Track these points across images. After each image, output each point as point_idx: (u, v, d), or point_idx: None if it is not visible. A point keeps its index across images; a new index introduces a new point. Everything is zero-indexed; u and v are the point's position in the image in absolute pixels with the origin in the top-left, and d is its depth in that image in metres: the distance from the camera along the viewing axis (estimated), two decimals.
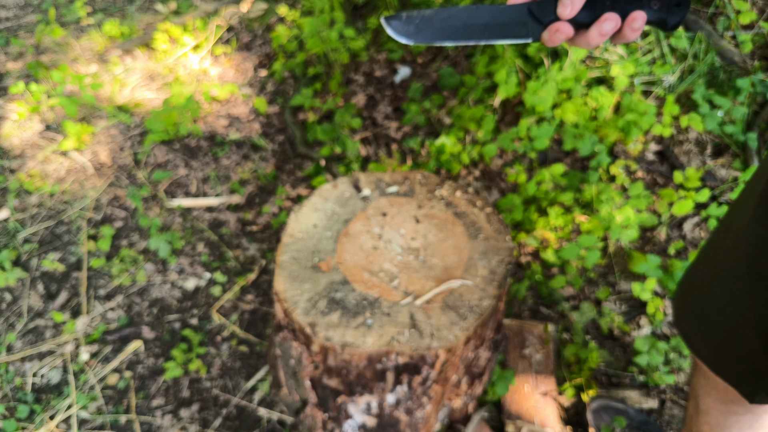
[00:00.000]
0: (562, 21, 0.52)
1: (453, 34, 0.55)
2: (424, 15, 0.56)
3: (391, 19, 0.56)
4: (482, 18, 0.54)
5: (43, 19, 2.73)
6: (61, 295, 1.53)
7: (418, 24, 0.55)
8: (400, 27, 0.55)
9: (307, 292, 0.89)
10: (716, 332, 0.60)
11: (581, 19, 0.52)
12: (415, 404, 0.95)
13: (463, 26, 0.54)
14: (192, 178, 1.88)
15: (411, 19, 0.56)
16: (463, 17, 0.54)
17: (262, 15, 2.62)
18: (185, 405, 1.30)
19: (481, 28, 0.54)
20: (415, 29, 0.55)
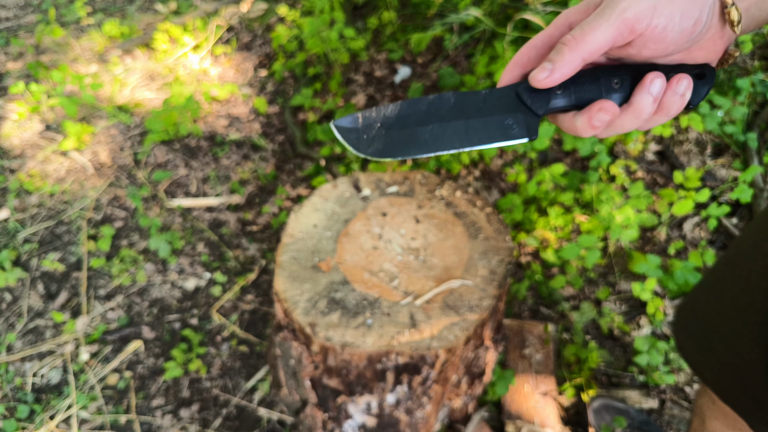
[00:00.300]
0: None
1: (425, 143, 0.42)
2: (385, 116, 0.42)
3: (344, 123, 0.43)
4: (461, 114, 0.42)
5: (43, 19, 2.73)
6: (61, 295, 1.53)
7: (378, 130, 0.42)
8: (354, 135, 0.42)
9: (307, 292, 0.89)
10: (723, 365, 0.60)
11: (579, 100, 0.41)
12: (415, 404, 0.94)
13: (438, 129, 0.42)
14: (192, 178, 1.88)
15: (368, 125, 0.42)
16: (435, 115, 0.42)
17: (262, 15, 2.61)
18: (185, 405, 1.30)
19: (460, 129, 0.42)
20: (375, 138, 0.42)
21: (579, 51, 0.38)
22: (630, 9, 0.37)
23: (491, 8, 1.88)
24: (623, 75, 0.41)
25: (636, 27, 0.37)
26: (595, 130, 0.40)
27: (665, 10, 0.37)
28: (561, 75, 0.39)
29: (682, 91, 0.40)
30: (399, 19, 2.19)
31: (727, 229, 1.56)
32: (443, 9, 2.01)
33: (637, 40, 0.38)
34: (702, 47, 0.41)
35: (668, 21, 0.37)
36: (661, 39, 0.38)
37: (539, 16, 1.67)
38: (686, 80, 0.40)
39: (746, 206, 1.58)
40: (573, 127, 0.42)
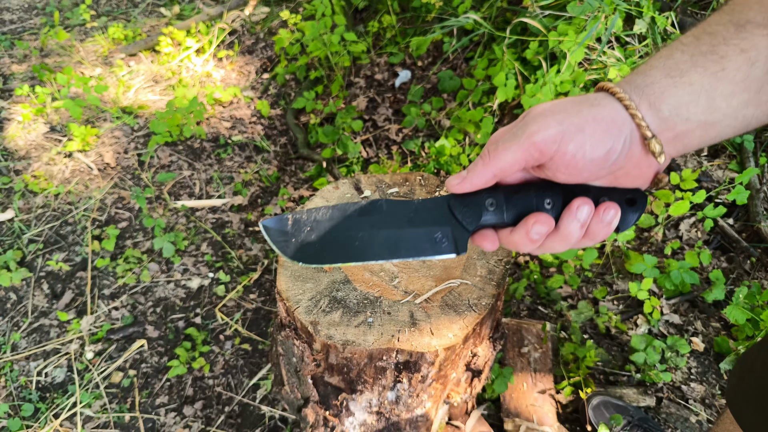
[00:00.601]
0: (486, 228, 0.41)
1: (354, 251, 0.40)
2: (316, 220, 0.41)
3: (273, 225, 0.41)
4: (392, 223, 0.40)
5: (47, 22, 2.76)
6: (66, 295, 1.55)
7: (307, 234, 0.40)
8: (283, 238, 0.40)
9: (309, 291, 0.91)
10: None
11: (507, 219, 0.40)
12: (415, 402, 0.96)
13: (368, 237, 0.40)
14: (196, 180, 1.90)
15: (298, 228, 0.41)
16: (366, 223, 0.40)
17: (264, 19, 2.64)
18: (189, 403, 1.32)
19: (390, 239, 0.40)
20: (304, 242, 0.40)
21: (491, 167, 0.39)
22: (538, 133, 0.37)
23: (490, 12, 1.90)
24: (555, 196, 0.40)
25: (544, 150, 0.37)
26: (533, 243, 0.40)
27: (574, 138, 0.37)
28: (471, 185, 0.40)
29: (609, 220, 0.39)
30: (399, 23, 2.22)
31: (723, 229, 1.57)
32: (443, 13, 2.03)
33: (549, 164, 0.38)
34: (628, 173, 0.40)
35: (577, 149, 0.37)
36: (572, 165, 0.38)
37: (537, 19, 1.70)
38: (614, 210, 0.39)
39: (742, 207, 1.60)
40: (512, 242, 0.41)
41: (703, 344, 1.37)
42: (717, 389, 1.29)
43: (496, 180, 0.40)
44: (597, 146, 0.37)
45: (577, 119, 0.37)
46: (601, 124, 0.37)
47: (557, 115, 0.38)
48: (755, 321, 1.29)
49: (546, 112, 0.38)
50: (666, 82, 0.37)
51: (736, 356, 1.32)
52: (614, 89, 0.38)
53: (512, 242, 0.41)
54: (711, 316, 1.44)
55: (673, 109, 0.37)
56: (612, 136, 0.37)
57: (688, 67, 0.36)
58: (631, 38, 1.82)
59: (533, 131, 0.37)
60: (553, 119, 0.38)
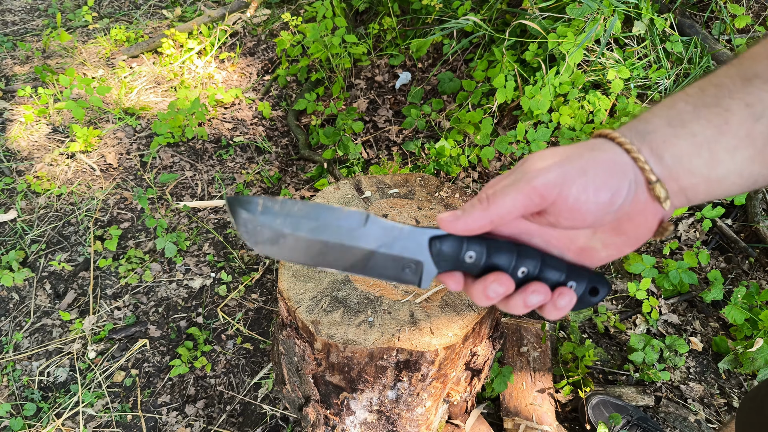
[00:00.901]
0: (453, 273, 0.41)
1: (322, 256, 0.39)
2: (290, 214, 0.38)
3: (241, 206, 0.38)
4: (368, 240, 0.39)
5: (49, 23, 2.77)
6: (69, 295, 1.56)
7: (277, 227, 0.38)
8: (251, 224, 0.38)
9: (310, 291, 0.92)
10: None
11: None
12: (415, 400, 0.97)
13: (340, 249, 0.39)
14: (198, 180, 1.91)
15: (269, 218, 0.38)
16: (342, 233, 0.39)
17: (265, 21, 2.65)
18: (190, 402, 1.33)
19: (361, 257, 0.39)
20: (272, 234, 0.38)
21: (488, 213, 0.37)
22: (539, 177, 0.36)
23: (489, 14, 1.91)
24: (532, 266, 0.40)
25: (545, 195, 0.36)
26: (488, 300, 0.39)
27: (576, 181, 0.35)
28: (465, 227, 0.38)
29: (562, 306, 0.39)
30: (399, 25, 2.23)
31: (722, 229, 1.58)
32: (443, 15, 2.04)
33: (550, 209, 0.37)
34: (632, 220, 0.38)
35: (580, 192, 0.35)
36: (575, 209, 0.36)
37: (536, 21, 1.71)
38: (568, 298, 0.39)
39: (741, 207, 1.61)
40: (470, 291, 0.41)
41: (702, 344, 1.38)
42: (716, 389, 1.30)
43: (493, 227, 0.38)
44: (601, 190, 0.35)
45: (578, 162, 0.36)
46: (604, 166, 0.36)
47: (557, 159, 0.36)
48: (753, 321, 1.29)
49: (545, 157, 0.37)
50: (667, 131, 0.36)
51: (734, 356, 1.33)
52: (614, 134, 0.37)
53: (471, 292, 0.41)
54: (709, 316, 1.45)
55: (675, 159, 0.35)
56: (616, 179, 0.35)
57: (691, 118, 0.35)
58: (630, 40, 1.83)
59: (533, 176, 0.36)
60: (554, 163, 0.36)
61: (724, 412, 1.26)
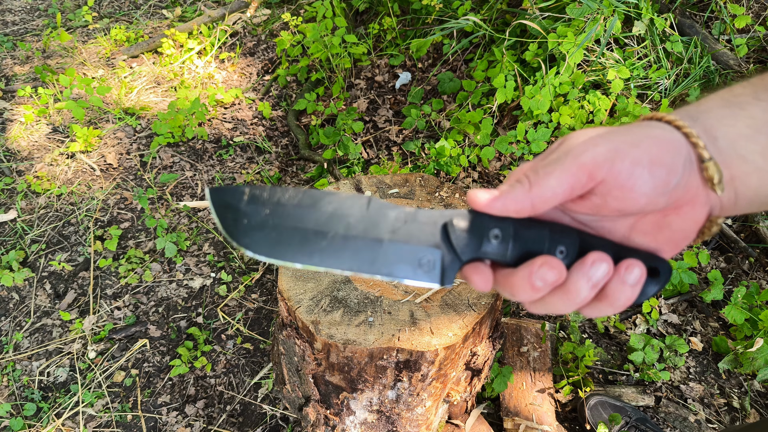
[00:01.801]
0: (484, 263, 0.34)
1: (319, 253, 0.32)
2: (279, 203, 0.32)
3: (222, 196, 0.33)
4: (371, 229, 0.33)
5: (49, 23, 2.77)
6: (69, 295, 1.56)
7: (264, 218, 0.32)
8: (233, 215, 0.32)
9: (310, 291, 0.92)
10: None
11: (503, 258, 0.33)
12: (415, 400, 0.97)
13: (339, 241, 0.32)
14: (198, 180, 1.91)
15: (254, 208, 0.32)
16: (340, 222, 0.32)
17: (266, 21, 2.65)
18: (190, 402, 1.33)
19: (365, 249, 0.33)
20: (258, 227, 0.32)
21: (531, 194, 0.32)
22: (586, 153, 0.31)
23: (490, 14, 1.91)
24: (571, 244, 0.33)
25: (594, 172, 0.31)
26: (535, 291, 0.32)
27: (630, 154, 0.31)
28: (503, 207, 0.32)
29: (633, 282, 0.32)
30: (399, 25, 2.23)
31: (722, 229, 1.58)
32: (443, 15, 2.04)
33: (599, 188, 0.32)
34: (679, 210, 0.34)
35: (634, 166, 0.31)
36: (628, 188, 0.31)
37: (536, 21, 1.71)
38: (638, 269, 0.32)
39: None
40: (509, 284, 0.33)
41: (702, 344, 1.38)
42: (716, 389, 1.30)
43: (533, 212, 0.33)
44: (656, 164, 0.31)
45: (628, 136, 0.32)
46: (657, 140, 0.31)
47: (603, 135, 0.32)
48: (753, 321, 1.30)
49: (588, 132, 0.33)
50: (723, 112, 0.33)
51: (734, 356, 1.33)
52: (661, 114, 0.34)
53: (510, 285, 0.33)
54: (709, 316, 1.45)
55: (728, 142, 0.32)
56: (670, 154, 0.31)
57: (750, 101, 0.32)
58: (630, 40, 1.83)
59: (580, 151, 0.31)
60: (600, 138, 0.32)
61: (724, 412, 1.26)
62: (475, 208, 0.33)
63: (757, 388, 1.30)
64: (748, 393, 1.28)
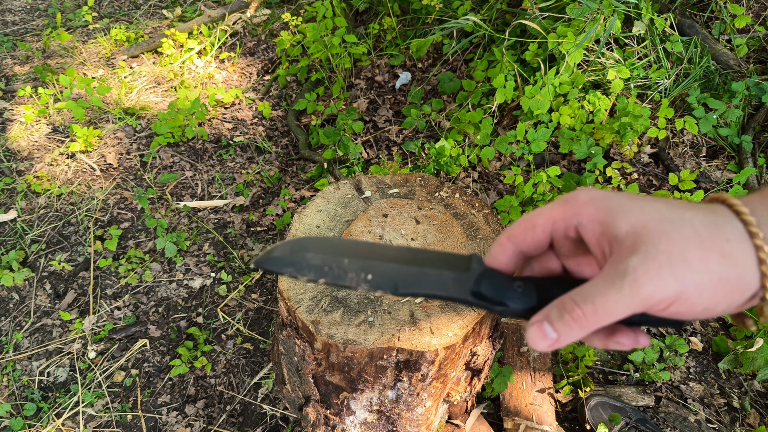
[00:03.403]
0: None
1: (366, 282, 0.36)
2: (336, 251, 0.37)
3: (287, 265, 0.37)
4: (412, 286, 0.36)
5: (49, 23, 2.77)
6: (69, 295, 1.56)
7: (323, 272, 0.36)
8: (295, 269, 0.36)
9: (310, 291, 0.92)
10: None
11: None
12: (415, 400, 0.97)
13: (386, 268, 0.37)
14: (198, 180, 1.91)
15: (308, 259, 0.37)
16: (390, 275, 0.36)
17: (266, 21, 2.65)
18: (190, 402, 1.33)
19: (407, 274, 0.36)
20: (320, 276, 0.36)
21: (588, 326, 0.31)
22: (651, 290, 0.29)
23: (489, 14, 1.91)
24: None
25: (653, 308, 0.29)
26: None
27: (690, 300, 0.29)
28: (566, 343, 0.32)
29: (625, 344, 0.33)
30: (399, 25, 2.23)
31: None
32: (443, 15, 2.04)
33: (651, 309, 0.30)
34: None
35: (688, 309, 0.29)
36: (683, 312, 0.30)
37: (536, 21, 1.71)
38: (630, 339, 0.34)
39: None
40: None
41: (702, 344, 1.38)
42: (716, 389, 1.30)
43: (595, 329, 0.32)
44: (712, 309, 0.30)
45: (700, 278, 0.29)
46: (727, 286, 0.29)
47: (676, 266, 0.29)
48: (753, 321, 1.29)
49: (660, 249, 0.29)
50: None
51: (734, 356, 1.33)
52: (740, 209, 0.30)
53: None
54: None
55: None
56: (732, 299, 0.30)
57: None
58: (630, 40, 1.83)
59: (643, 283, 0.29)
60: (671, 272, 0.29)
61: (724, 412, 1.26)
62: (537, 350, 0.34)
63: (757, 388, 1.30)
64: (748, 393, 1.28)
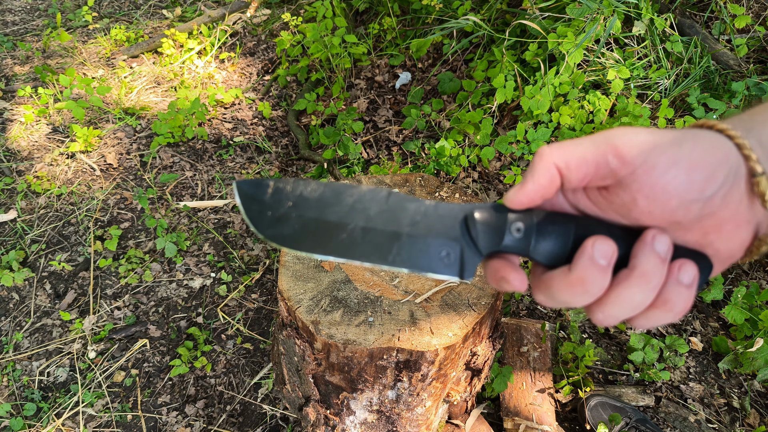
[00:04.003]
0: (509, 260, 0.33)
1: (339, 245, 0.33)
2: (302, 196, 0.34)
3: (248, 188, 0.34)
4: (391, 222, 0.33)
5: (49, 23, 2.77)
6: (69, 295, 1.56)
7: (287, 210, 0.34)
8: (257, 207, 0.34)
9: (310, 291, 0.92)
10: None
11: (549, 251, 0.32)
12: (415, 400, 0.97)
13: (359, 234, 0.33)
14: (198, 180, 1.91)
15: (278, 200, 0.34)
16: (360, 215, 0.33)
17: (266, 21, 2.65)
18: (191, 402, 1.33)
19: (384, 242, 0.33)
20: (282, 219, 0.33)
21: (550, 157, 0.30)
22: (623, 137, 0.29)
23: (489, 14, 1.91)
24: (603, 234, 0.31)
25: (627, 158, 0.29)
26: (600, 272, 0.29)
27: (668, 152, 0.28)
28: (534, 185, 0.30)
29: (689, 281, 0.29)
30: (399, 25, 2.23)
31: None
32: (443, 15, 2.04)
33: (629, 179, 0.29)
34: (720, 227, 0.31)
35: (670, 164, 0.28)
36: (660, 186, 0.29)
37: (536, 21, 1.71)
38: (692, 266, 0.30)
39: None
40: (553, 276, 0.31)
41: (702, 344, 1.38)
42: (716, 389, 1.30)
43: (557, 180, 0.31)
44: (696, 167, 0.28)
45: (672, 135, 0.29)
46: (703, 144, 0.29)
47: (648, 129, 0.30)
48: (753, 321, 1.29)
49: (632, 127, 0.31)
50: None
51: (734, 356, 1.33)
52: (712, 122, 0.31)
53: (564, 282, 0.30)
54: (709, 316, 1.45)
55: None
56: (715, 161, 0.29)
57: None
58: (630, 40, 1.83)
59: (616, 134, 0.30)
60: (643, 129, 0.30)
61: (724, 412, 1.26)
62: (513, 207, 0.32)
63: (757, 388, 1.30)
64: (748, 393, 1.28)
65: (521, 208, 0.32)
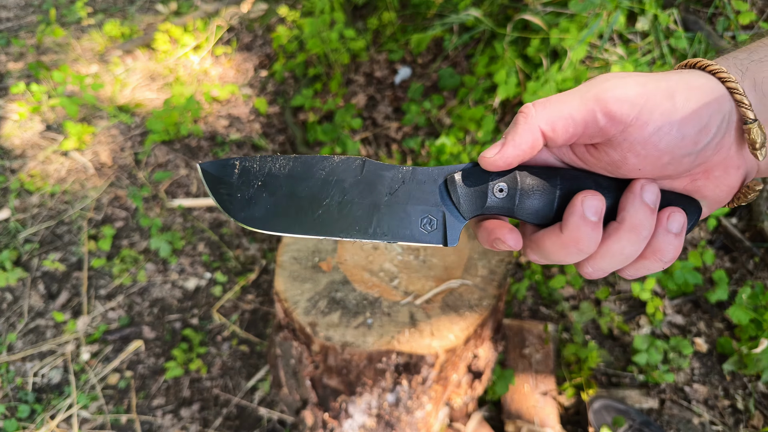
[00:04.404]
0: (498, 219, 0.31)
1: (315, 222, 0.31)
2: (271, 174, 0.32)
3: (213, 170, 0.32)
4: (368, 193, 0.31)
5: (43, 19, 2.73)
6: (62, 295, 1.53)
7: (257, 191, 0.32)
8: (226, 190, 0.32)
9: (307, 292, 0.90)
10: None
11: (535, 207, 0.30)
12: (415, 404, 0.95)
13: (335, 208, 0.31)
14: (193, 179, 1.88)
15: (246, 181, 0.32)
16: (335, 188, 0.31)
17: (262, 15, 2.62)
18: (186, 404, 1.31)
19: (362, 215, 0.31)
20: (252, 200, 0.31)
21: (535, 119, 0.28)
22: (614, 90, 0.27)
23: (491, 9, 1.88)
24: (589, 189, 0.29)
25: (617, 116, 0.27)
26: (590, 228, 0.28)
27: (661, 105, 0.27)
28: (515, 149, 0.29)
29: (678, 229, 0.29)
30: (399, 19, 2.20)
31: (727, 229, 1.56)
32: (443, 10, 2.01)
33: (619, 137, 0.28)
34: (709, 174, 0.30)
35: (663, 119, 0.27)
36: (652, 143, 0.27)
37: (539, 16, 1.68)
38: (680, 214, 0.29)
39: (746, 207, 1.59)
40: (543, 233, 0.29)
41: (706, 345, 1.36)
42: (720, 390, 1.28)
43: (540, 144, 0.28)
44: (689, 120, 0.27)
45: (665, 83, 0.28)
46: (696, 92, 0.27)
47: (637, 77, 0.28)
48: (758, 321, 1.27)
49: (622, 74, 0.28)
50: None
51: (739, 357, 1.31)
52: (705, 62, 0.29)
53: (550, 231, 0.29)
54: (714, 317, 1.43)
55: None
56: (708, 111, 0.27)
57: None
58: (634, 35, 1.81)
59: (606, 88, 0.28)
60: (633, 80, 0.28)
61: (728, 413, 1.24)
62: (488, 167, 0.30)
63: (762, 389, 1.28)
64: (753, 394, 1.27)
65: (498, 171, 0.30)
